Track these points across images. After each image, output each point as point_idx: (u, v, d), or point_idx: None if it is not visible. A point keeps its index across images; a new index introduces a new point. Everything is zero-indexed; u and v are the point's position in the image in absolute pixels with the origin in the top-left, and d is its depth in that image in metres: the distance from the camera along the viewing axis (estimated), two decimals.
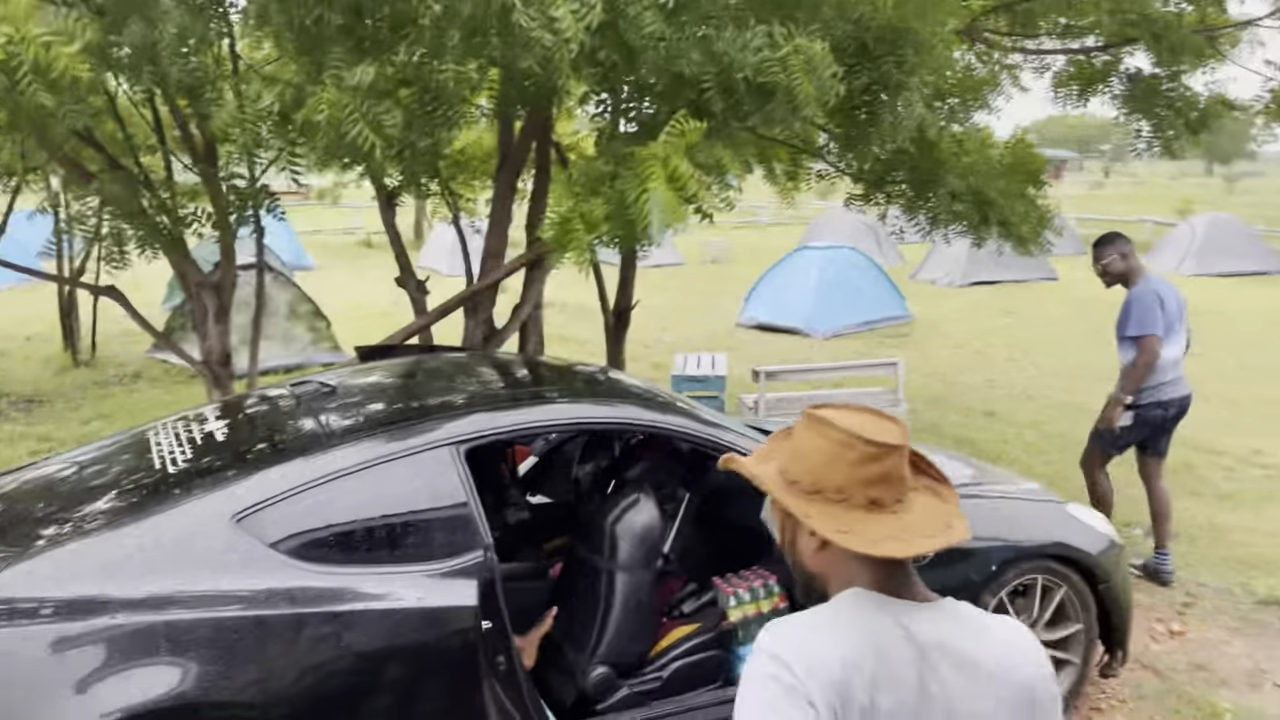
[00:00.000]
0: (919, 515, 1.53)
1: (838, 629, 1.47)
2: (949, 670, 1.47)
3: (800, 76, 3.77)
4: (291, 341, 10.21)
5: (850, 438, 1.51)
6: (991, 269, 17.47)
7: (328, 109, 3.41)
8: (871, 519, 1.50)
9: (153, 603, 2.59)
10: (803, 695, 1.39)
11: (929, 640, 1.47)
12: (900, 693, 1.43)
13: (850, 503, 1.51)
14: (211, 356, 5.31)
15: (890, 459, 1.51)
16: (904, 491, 1.54)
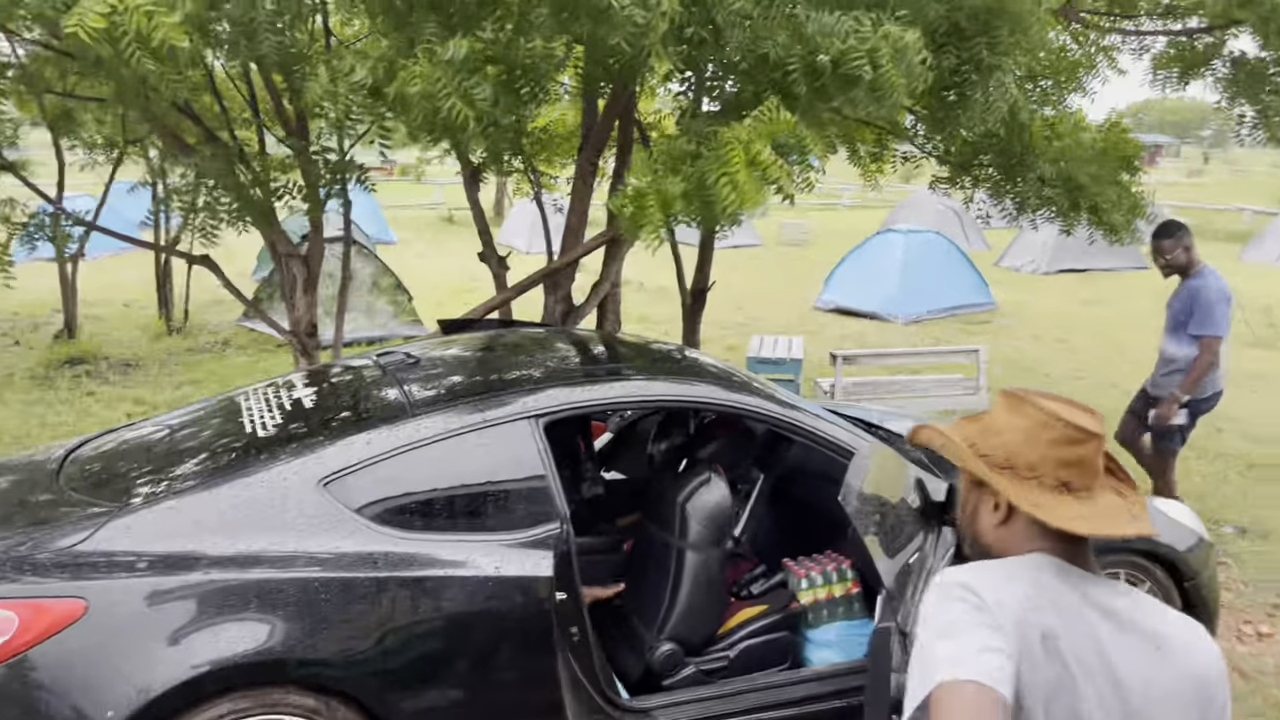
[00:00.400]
0: (1104, 507, 1.57)
1: (1022, 576, 1.51)
2: (1128, 640, 1.49)
3: (888, 67, 3.71)
4: (374, 314, 10.42)
5: (1051, 418, 1.57)
6: (1079, 256, 16.97)
7: (421, 82, 3.46)
8: (1061, 500, 1.55)
9: (242, 561, 2.69)
10: (992, 619, 1.43)
11: (1109, 608, 1.50)
12: (1077, 648, 1.45)
13: (1042, 482, 1.56)
14: (299, 326, 5.45)
15: (1089, 445, 1.56)
16: (1095, 482, 1.57)
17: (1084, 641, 1.47)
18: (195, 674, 2.55)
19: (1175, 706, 1.47)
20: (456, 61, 3.52)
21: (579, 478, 4.10)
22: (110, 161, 9.83)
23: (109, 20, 3.00)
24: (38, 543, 2.68)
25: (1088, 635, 1.47)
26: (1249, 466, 6.88)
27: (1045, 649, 1.44)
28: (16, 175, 6.80)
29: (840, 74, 3.90)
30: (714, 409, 3.63)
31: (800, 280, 15.57)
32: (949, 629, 1.45)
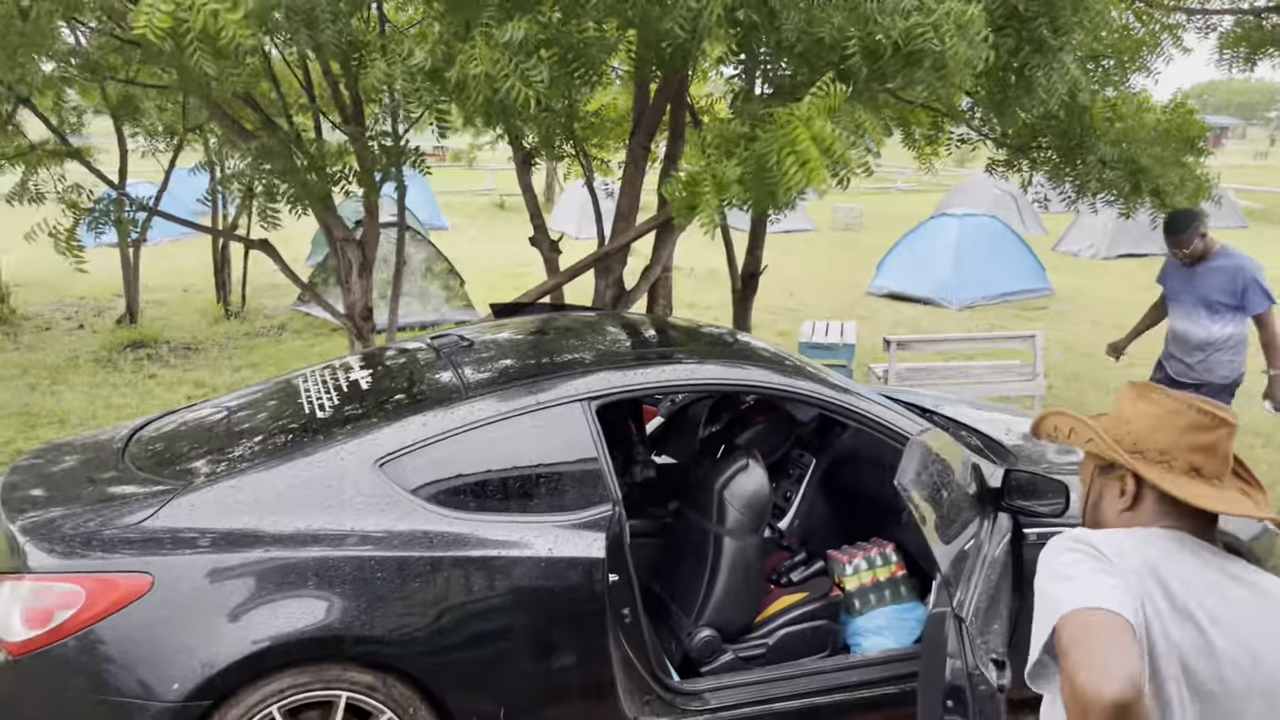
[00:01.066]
0: (1231, 494, 1.63)
1: (1147, 539, 1.59)
2: (1264, 605, 1.54)
3: (953, 41, 3.65)
4: (427, 299, 10.53)
5: (1182, 405, 1.64)
6: (1138, 241, 16.61)
7: (481, 64, 3.48)
8: (1192, 483, 1.62)
9: (301, 539, 2.74)
10: (1111, 566, 1.50)
11: (1240, 576, 1.57)
12: (1210, 608, 1.51)
13: (1172, 466, 1.63)
14: (354, 310, 5.52)
15: (1220, 431, 1.62)
16: (1224, 471, 1.64)
17: (1216, 603, 1.52)
18: (256, 649, 2.61)
19: None
20: (515, 44, 3.53)
21: (631, 461, 4.12)
22: (170, 148, 10.03)
23: (173, 18, 3.05)
24: (105, 519, 2.75)
25: (1221, 597, 1.52)
26: None
27: (1174, 608, 1.49)
28: (82, 161, 6.98)
29: (901, 53, 3.85)
30: (767, 393, 3.61)
31: (853, 265, 15.43)
32: (1067, 573, 1.50)
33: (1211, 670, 1.49)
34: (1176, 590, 1.51)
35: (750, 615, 3.45)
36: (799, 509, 4.10)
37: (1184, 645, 1.49)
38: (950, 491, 2.90)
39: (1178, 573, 1.53)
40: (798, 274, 14.63)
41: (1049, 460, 3.94)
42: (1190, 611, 1.50)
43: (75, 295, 12.11)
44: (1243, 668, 1.50)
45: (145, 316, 10.69)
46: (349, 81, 4.98)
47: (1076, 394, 8.46)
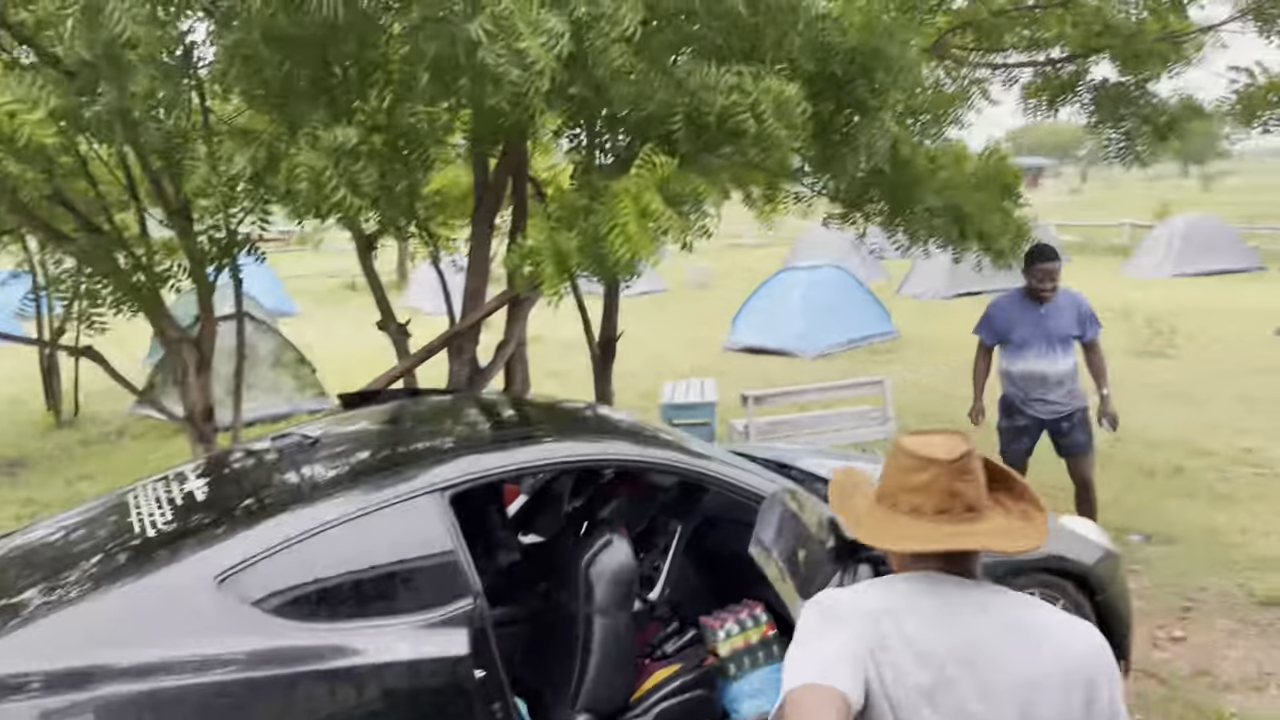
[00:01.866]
0: (966, 526, 1.72)
1: (888, 585, 1.75)
2: (1005, 635, 1.65)
3: (770, 120, 3.78)
4: (277, 390, 10.16)
5: (898, 450, 1.77)
6: (974, 280, 17.46)
7: (306, 174, 3.39)
8: (911, 523, 1.73)
9: (137, 671, 2.54)
10: (839, 620, 1.65)
11: (986, 606, 1.69)
12: (952, 645, 1.63)
13: (897, 508, 1.75)
14: (194, 411, 5.26)
15: (928, 472, 1.72)
16: (954, 504, 1.72)
17: (958, 638, 1.64)
18: None
19: (1052, 689, 1.62)
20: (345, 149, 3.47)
21: (494, 546, 4.01)
22: None
23: None
24: None
25: (962, 632, 1.65)
26: (1149, 474, 7.11)
27: (912, 651, 1.62)
28: None
29: (725, 127, 3.97)
30: (625, 465, 3.60)
31: (709, 322, 15.72)
32: (801, 638, 1.66)
33: (954, 703, 1.61)
34: (913, 632, 1.63)
35: (626, 694, 3.39)
36: (668, 577, 4.07)
37: (924, 683, 1.61)
38: (808, 548, 2.92)
39: (917, 614, 1.65)
40: (656, 335, 14.80)
41: None
42: (929, 651, 1.61)
43: None
44: (988, 696, 1.61)
45: None
46: (172, 178, 4.80)
47: None
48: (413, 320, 6.41)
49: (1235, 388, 9.96)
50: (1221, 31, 6.98)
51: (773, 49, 4.24)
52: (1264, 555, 5.67)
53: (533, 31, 3.12)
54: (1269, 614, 4.98)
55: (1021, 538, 1.73)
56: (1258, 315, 14.08)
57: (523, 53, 3.12)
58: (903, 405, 9.20)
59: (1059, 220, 28.98)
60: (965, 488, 1.73)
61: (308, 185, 3.37)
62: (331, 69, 4.02)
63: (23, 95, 3.00)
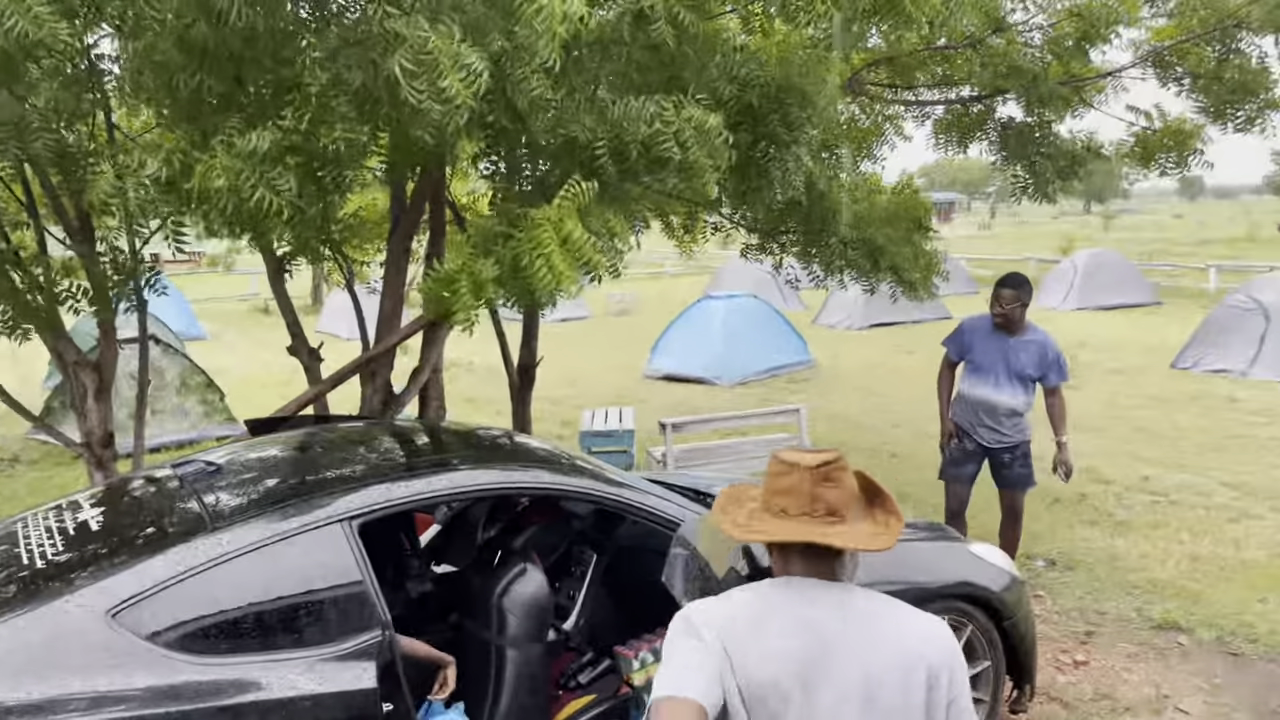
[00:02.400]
0: (824, 527, 1.88)
1: (744, 594, 1.93)
2: (853, 629, 1.83)
3: (694, 149, 3.82)
4: (184, 416, 9.84)
5: (772, 459, 1.97)
6: (889, 311, 17.89)
7: (225, 175, 3.31)
8: (776, 521, 1.91)
9: (23, 710, 2.41)
10: (695, 633, 1.84)
11: (840, 604, 1.87)
12: (805, 641, 1.81)
13: (768, 509, 1.94)
14: (92, 438, 5.06)
15: (792, 476, 1.91)
16: (815, 507, 1.89)
17: (809, 633, 1.82)
18: None
19: (893, 677, 1.80)
20: (260, 153, 3.39)
21: (405, 576, 3.93)
22: None
23: None
24: None
25: (813, 627, 1.82)
26: (1054, 500, 7.32)
27: (761, 648, 1.80)
28: None
29: (649, 155, 3.99)
30: (540, 494, 3.56)
31: (629, 349, 15.75)
32: (665, 653, 1.86)
33: (804, 694, 1.79)
34: (767, 631, 1.83)
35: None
36: (583, 607, 4.04)
37: (776, 678, 1.79)
38: (722, 575, 2.92)
39: (774, 613, 1.85)
40: (576, 362, 14.77)
41: None
42: (781, 648, 1.81)
43: None
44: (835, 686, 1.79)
45: None
46: (73, 194, 4.63)
47: None
48: (326, 345, 6.28)
49: (1134, 418, 10.34)
50: (1121, 77, 7.29)
51: (694, 78, 4.29)
52: (1161, 580, 5.87)
53: (453, 67, 3.10)
54: (1165, 638, 5.15)
55: (873, 541, 1.91)
56: (1155, 348, 14.66)
57: (442, 89, 3.11)
58: (818, 434, 9.33)
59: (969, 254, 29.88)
60: (827, 493, 1.91)
61: (224, 186, 3.28)
62: (245, 85, 3.93)
63: None
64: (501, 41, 3.29)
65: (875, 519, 1.98)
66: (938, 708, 1.82)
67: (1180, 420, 10.22)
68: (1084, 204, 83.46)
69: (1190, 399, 11.26)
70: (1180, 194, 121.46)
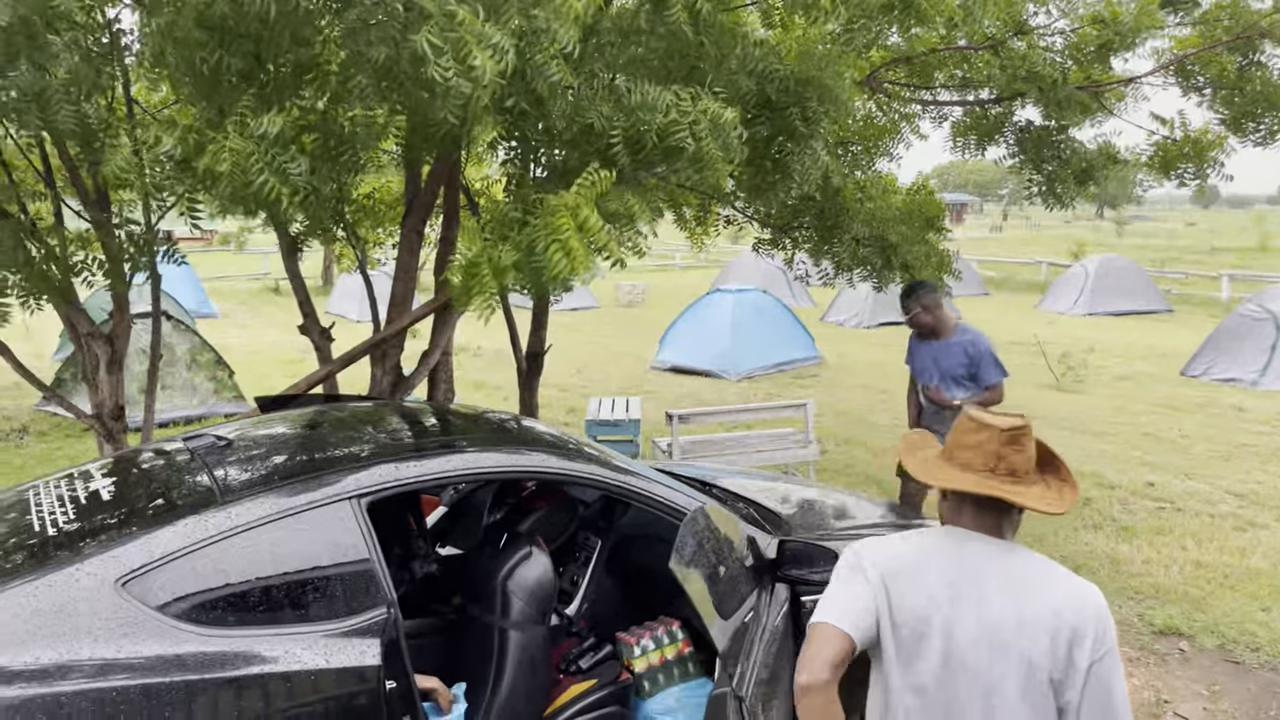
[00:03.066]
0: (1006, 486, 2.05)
1: (908, 541, 2.17)
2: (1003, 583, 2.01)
3: (708, 140, 3.82)
4: (193, 392, 9.89)
5: (965, 417, 2.15)
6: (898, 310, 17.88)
7: (231, 157, 3.32)
8: (959, 473, 2.10)
9: (30, 675, 2.43)
10: (861, 571, 2.12)
11: (995, 557, 2.06)
12: (955, 584, 2.03)
13: (952, 461, 2.13)
14: (103, 409, 5.09)
15: (982, 434, 2.09)
16: (999, 466, 2.06)
17: (960, 581, 2.03)
18: None
19: (1039, 632, 1.96)
20: (270, 136, 3.40)
21: (410, 556, 3.95)
22: None
23: None
24: None
25: (969, 575, 2.03)
26: None
27: (916, 588, 2.05)
28: None
29: (664, 144, 4.00)
30: (548, 478, 3.57)
31: (637, 340, 15.77)
32: (832, 581, 2.17)
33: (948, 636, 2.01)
34: (925, 575, 2.06)
35: (540, 709, 3.35)
36: (586, 592, 4.05)
37: (925, 618, 2.04)
38: (726, 566, 2.94)
39: (934, 559, 2.08)
40: (584, 351, 14.79)
41: (823, 527, 4.08)
42: (934, 592, 2.04)
43: None
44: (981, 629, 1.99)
45: None
46: (90, 166, 4.65)
47: (848, 458, 8.91)
48: (336, 326, 6.30)
49: (1141, 424, 10.32)
50: (1142, 83, 7.26)
51: (712, 71, 4.29)
52: (1163, 586, 5.87)
53: (479, 45, 3.10)
54: (1167, 643, 5.15)
55: (1047, 504, 2.06)
56: (1165, 355, 14.63)
57: (470, 66, 3.11)
58: (823, 429, 9.34)
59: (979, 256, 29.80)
60: (1011, 454, 2.07)
61: (231, 169, 3.30)
62: (263, 64, 3.94)
63: None
64: (519, 21, 3.29)
65: (1049, 485, 2.13)
66: (1077, 668, 1.93)
67: (1188, 427, 10.21)
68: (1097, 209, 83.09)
69: (1199, 406, 11.24)
70: (1194, 202, 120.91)
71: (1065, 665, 1.93)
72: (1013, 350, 14.75)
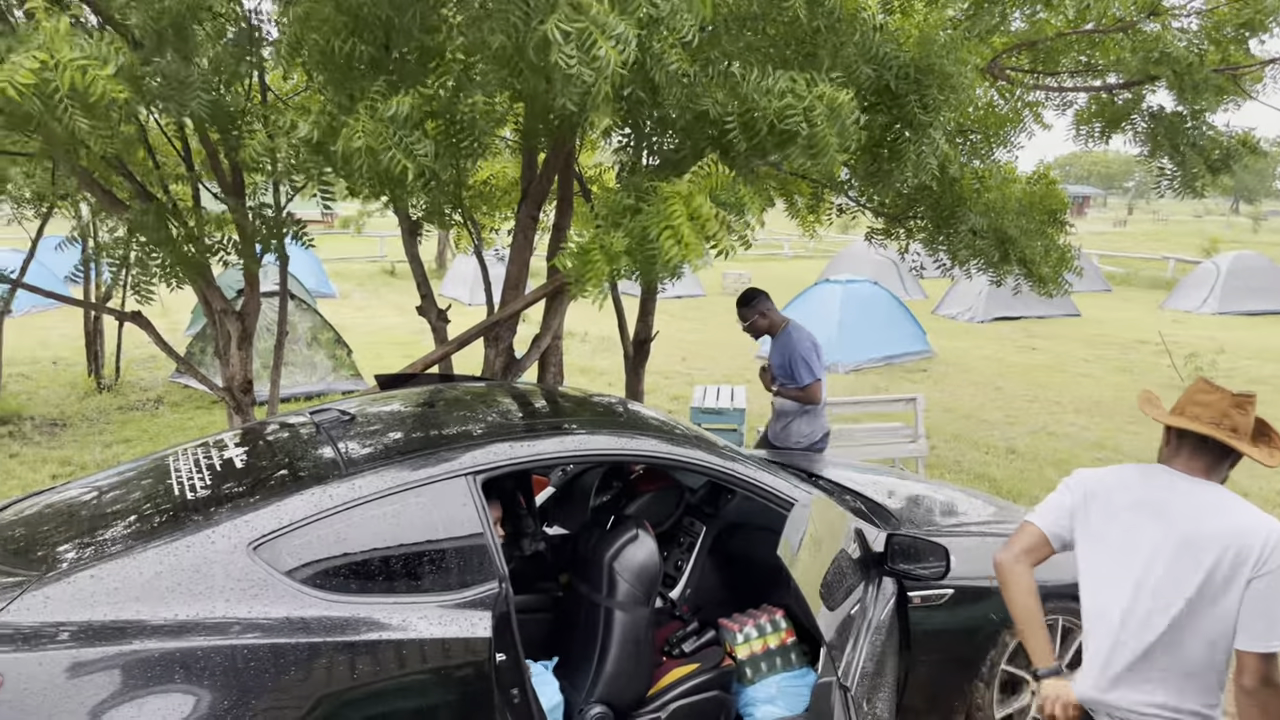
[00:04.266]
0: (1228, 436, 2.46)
1: (1119, 470, 2.63)
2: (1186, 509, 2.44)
3: (823, 125, 3.80)
4: (313, 369, 10.28)
5: (1199, 380, 2.61)
6: (1013, 305, 17.41)
7: (364, 138, 3.46)
8: (1187, 421, 2.50)
9: (167, 629, 2.60)
10: (1070, 491, 2.67)
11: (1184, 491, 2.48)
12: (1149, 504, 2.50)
13: (1184, 413, 2.54)
14: (233, 383, 5.34)
15: (1214, 395, 2.52)
16: (1223, 422, 2.47)
17: (1150, 505, 2.49)
18: None
19: (1208, 547, 2.36)
20: (399, 118, 3.53)
21: (519, 534, 4.05)
22: (39, 216, 9.63)
23: (39, 76, 2.95)
24: None
25: (1155, 502, 2.49)
26: None
27: (1109, 505, 2.56)
28: None
29: (777, 131, 3.99)
30: (656, 462, 3.62)
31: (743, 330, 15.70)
32: (1052, 493, 2.71)
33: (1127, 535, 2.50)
34: (1119, 494, 2.56)
35: (642, 689, 3.40)
36: (690, 578, 4.09)
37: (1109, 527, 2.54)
38: (834, 558, 2.93)
39: (1132, 484, 2.55)
40: (689, 339, 14.81)
41: (931, 523, 4.03)
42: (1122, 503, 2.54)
43: None
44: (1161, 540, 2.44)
45: (8, 391, 10.13)
46: (228, 151, 4.88)
47: (956, 454, 8.72)
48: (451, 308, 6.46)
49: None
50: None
51: (829, 58, 4.25)
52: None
53: (603, 34, 3.15)
54: None
55: (1261, 456, 2.49)
56: None
57: (593, 56, 3.15)
58: (932, 425, 9.17)
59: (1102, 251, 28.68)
60: (1237, 415, 2.49)
61: (364, 149, 3.43)
62: (391, 51, 4.08)
63: (93, 53, 3.07)
64: (645, 9, 3.32)
65: (1260, 447, 2.55)
66: (1236, 582, 2.31)
67: None
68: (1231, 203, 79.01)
69: None
70: None
71: (1227, 579, 2.30)
72: (1136, 349, 14.19)
